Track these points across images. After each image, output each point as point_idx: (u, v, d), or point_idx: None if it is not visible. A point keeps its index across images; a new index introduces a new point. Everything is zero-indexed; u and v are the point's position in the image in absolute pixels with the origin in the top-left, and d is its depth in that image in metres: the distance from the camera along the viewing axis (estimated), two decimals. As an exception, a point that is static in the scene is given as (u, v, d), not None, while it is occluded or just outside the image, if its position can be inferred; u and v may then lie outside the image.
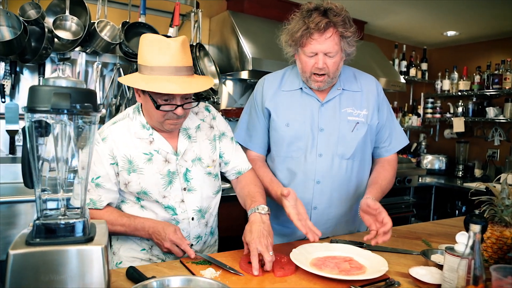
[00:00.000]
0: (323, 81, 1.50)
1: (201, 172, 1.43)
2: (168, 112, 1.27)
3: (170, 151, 1.37)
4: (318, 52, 1.44)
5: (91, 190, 1.31)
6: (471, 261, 1.00)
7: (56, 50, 2.37)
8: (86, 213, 0.92)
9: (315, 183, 1.57)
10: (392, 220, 1.36)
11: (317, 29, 1.40)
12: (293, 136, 1.57)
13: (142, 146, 1.34)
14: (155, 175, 1.34)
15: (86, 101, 0.85)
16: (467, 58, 4.30)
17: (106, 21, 2.46)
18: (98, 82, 2.62)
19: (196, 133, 1.45)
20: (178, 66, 1.23)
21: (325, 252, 1.35)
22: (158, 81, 1.21)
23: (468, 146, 4.18)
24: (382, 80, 3.44)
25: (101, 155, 1.31)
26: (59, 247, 0.83)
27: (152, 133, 1.36)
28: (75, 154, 0.90)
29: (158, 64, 1.22)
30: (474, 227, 1.01)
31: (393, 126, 1.71)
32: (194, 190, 1.41)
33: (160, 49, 1.22)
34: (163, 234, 1.27)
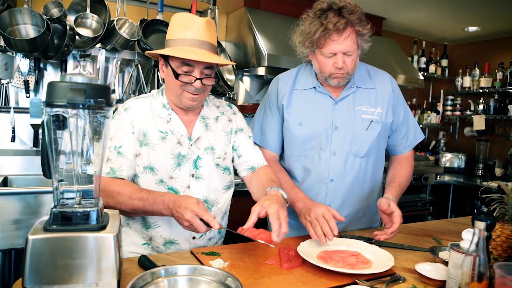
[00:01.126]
0: (343, 77, 1.51)
1: (211, 162, 1.44)
2: (187, 84, 1.31)
3: (184, 134, 1.40)
4: (337, 52, 1.44)
5: (113, 159, 1.32)
6: (476, 258, 1.00)
7: (77, 47, 2.45)
8: (100, 203, 0.97)
9: (328, 181, 1.58)
10: (408, 218, 1.39)
11: (335, 29, 1.40)
12: (306, 135, 1.58)
13: (159, 124, 1.38)
14: (166, 154, 1.37)
15: (100, 96, 0.90)
16: (489, 54, 4.20)
17: (125, 18, 2.53)
18: (117, 78, 2.70)
19: (214, 124, 1.48)
20: (201, 40, 1.30)
21: (333, 246, 1.36)
22: (179, 49, 1.28)
23: (488, 145, 4.09)
24: (401, 77, 3.41)
25: (123, 124, 1.36)
26: (74, 234, 0.89)
27: (171, 114, 1.39)
28: (90, 147, 0.95)
29: (183, 36, 1.29)
30: (479, 224, 1.01)
31: (409, 122, 1.71)
32: (201, 179, 1.42)
33: (186, 24, 1.30)
34: (184, 204, 1.16)
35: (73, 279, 0.88)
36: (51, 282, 0.87)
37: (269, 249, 1.35)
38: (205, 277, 0.93)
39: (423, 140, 4.53)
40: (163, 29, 2.59)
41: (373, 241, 1.48)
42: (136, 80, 2.77)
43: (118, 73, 2.73)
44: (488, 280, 1.00)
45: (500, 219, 1.32)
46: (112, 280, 0.91)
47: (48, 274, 0.86)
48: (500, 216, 1.32)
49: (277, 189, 1.29)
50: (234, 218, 1.58)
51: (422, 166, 3.46)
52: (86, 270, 0.89)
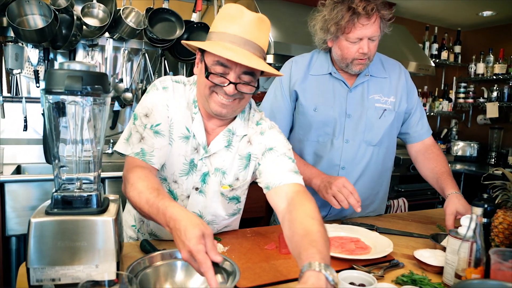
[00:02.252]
0: (365, 63, 1.51)
1: (217, 186, 1.25)
2: (217, 85, 1.10)
3: (201, 142, 1.21)
4: (364, 37, 1.44)
5: (146, 138, 1.15)
6: (473, 243, 1.00)
7: (85, 36, 2.48)
8: (100, 188, 1.00)
9: (340, 168, 1.59)
10: (417, 206, 1.39)
11: (365, 13, 1.39)
12: (321, 121, 1.59)
13: (187, 119, 1.21)
14: (180, 158, 1.21)
15: (97, 84, 0.92)
16: (504, 40, 4.09)
17: (131, 7, 2.55)
18: (124, 67, 2.73)
19: (237, 143, 1.25)
20: (245, 39, 1.07)
21: (334, 232, 1.38)
22: (217, 45, 1.07)
23: (502, 133, 4.01)
24: (412, 64, 3.36)
25: (161, 102, 1.18)
26: (74, 217, 0.92)
27: (197, 113, 1.20)
28: (89, 133, 0.98)
29: (225, 30, 1.08)
30: (476, 210, 1.01)
31: (422, 111, 1.71)
32: (204, 195, 1.26)
33: (232, 16, 1.09)
34: (182, 236, 0.85)
35: (73, 261, 0.91)
36: (53, 263, 0.90)
37: (269, 235, 1.37)
38: (202, 260, 0.95)
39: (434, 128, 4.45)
40: (169, 18, 2.60)
41: (374, 228, 1.49)
42: (143, 69, 2.80)
43: (126, 62, 2.76)
44: (485, 266, 1.00)
45: (503, 206, 1.31)
46: (111, 263, 0.94)
47: (50, 255, 0.90)
48: (502, 203, 1.31)
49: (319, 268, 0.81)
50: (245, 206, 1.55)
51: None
52: (86, 252, 0.92)
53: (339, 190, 1.36)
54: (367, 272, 1.06)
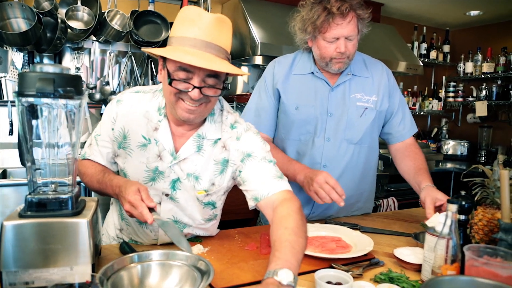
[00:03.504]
0: (343, 62, 1.52)
1: (191, 191, 1.23)
2: (182, 91, 1.08)
3: (168, 149, 1.19)
4: (340, 36, 1.46)
5: (92, 145, 1.29)
6: (449, 240, 1.01)
7: (70, 40, 2.48)
8: (75, 190, 1.00)
9: (321, 166, 1.60)
10: (406, 205, 1.40)
11: (340, 13, 1.42)
12: (302, 120, 1.60)
13: (145, 128, 1.20)
14: (140, 165, 1.21)
15: (69, 86, 0.92)
16: (491, 39, 4.14)
17: (115, 10, 2.55)
18: (111, 70, 2.72)
19: (209, 148, 1.22)
20: (206, 41, 1.04)
21: (315, 232, 1.38)
22: (177, 50, 1.04)
23: (491, 131, 4.05)
24: (401, 64, 3.38)
25: (108, 115, 1.25)
26: (48, 219, 0.92)
27: (161, 121, 1.19)
28: (63, 136, 0.98)
29: (185, 34, 1.05)
30: (451, 207, 1.02)
31: (405, 111, 1.72)
32: (176, 202, 1.24)
33: (191, 19, 1.06)
34: (123, 193, 1.06)
35: (48, 263, 0.91)
36: (27, 266, 0.90)
37: (251, 235, 1.38)
38: (178, 262, 0.96)
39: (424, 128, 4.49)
40: (155, 20, 2.60)
41: (358, 227, 1.49)
42: (130, 72, 2.80)
43: (113, 65, 2.76)
44: (460, 262, 1.01)
45: (483, 203, 1.32)
46: (86, 265, 0.94)
47: (24, 258, 0.90)
48: (482, 200, 1.33)
49: (272, 274, 0.86)
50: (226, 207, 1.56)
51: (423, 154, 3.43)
52: (61, 255, 0.92)
53: (321, 186, 1.36)
54: (345, 271, 1.07)
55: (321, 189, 1.37)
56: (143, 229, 1.28)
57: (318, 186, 1.37)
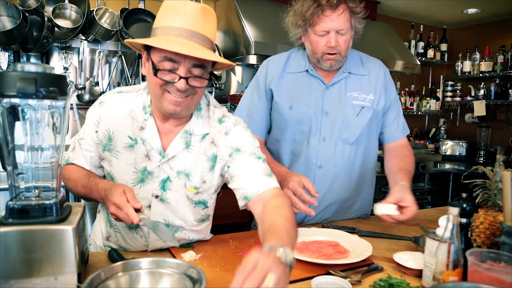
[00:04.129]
0: (336, 59, 1.50)
1: (182, 190, 1.22)
2: (168, 83, 1.07)
3: (156, 147, 1.18)
4: (330, 30, 1.44)
5: (76, 149, 1.26)
6: (450, 245, 0.99)
7: (57, 38, 2.45)
8: (60, 195, 0.97)
9: (317, 167, 1.58)
10: None
11: (329, 5, 1.40)
12: (297, 119, 1.58)
13: (131, 128, 1.19)
14: (128, 167, 1.20)
15: (53, 86, 0.89)
16: (489, 37, 4.15)
17: (104, 8, 2.52)
18: (101, 70, 2.69)
19: (197, 143, 1.21)
20: (191, 30, 1.05)
21: (312, 236, 1.36)
22: (162, 40, 1.04)
23: (490, 131, 4.06)
24: (398, 63, 3.38)
25: (91, 118, 1.24)
26: (30, 227, 0.88)
27: (148, 119, 1.18)
28: (46, 139, 0.94)
29: (170, 24, 1.06)
30: (453, 210, 1.00)
31: (399, 110, 1.70)
32: (167, 203, 1.22)
33: (176, 9, 1.07)
34: (109, 196, 1.04)
35: (30, 273, 0.88)
36: (8, 276, 0.87)
37: (245, 241, 1.35)
38: (168, 270, 0.93)
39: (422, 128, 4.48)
40: (145, 19, 2.58)
41: (356, 231, 1.47)
42: (120, 72, 2.76)
43: (103, 65, 2.73)
44: (463, 268, 0.99)
45: (484, 205, 1.31)
46: (72, 274, 0.91)
47: (5, 268, 0.86)
48: (483, 202, 1.31)
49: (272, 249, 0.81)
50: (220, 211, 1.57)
51: (422, 154, 3.43)
52: (44, 264, 0.88)
53: (294, 190, 1.31)
54: (343, 278, 1.05)
55: (293, 196, 1.31)
56: (133, 235, 1.25)
57: (291, 193, 1.31)
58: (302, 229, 1.40)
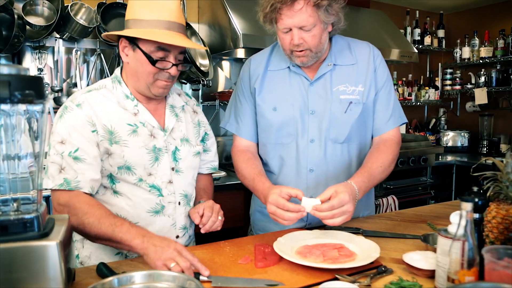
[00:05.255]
0: (306, 55, 1.45)
1: (190, 153, 1.45)
2: (160, 71, 1.29)
3: (156, 125, 1.37)
4: (291, 27, 1.39)
5: (67, 168, 1.23)
6: (464, 243, 0.98)
7: (30, 37, 2.40)
8: (41, 208, 0.94)
9: (308, 171, 1.55)
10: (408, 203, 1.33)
11: (283, 2, 1.35)
12: (282, 121, 1.55)
13: (126, 116, 1.33)
14: (141, 149, 1.33)
15: (29, 89, 0.86)
16: (488, 21, 4.18)
17: (80, 3, 2.48)
18: (78, 70, 2.64)
19: (182, 114, 1.48)
20: (175, 22, 1.27)
21: (315, 239, 1.35)
22: (156, 33, 1.24)
23: (492, 119, 4.09)
24: (394, 51, 3.38)
25: (78, 122, 1.26)
26: (10, 245, 0.85)
27: (137, 105, 1.35)
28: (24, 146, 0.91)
29: (155, 17, 1.24)
30: (465, 205, 1.00)
31: (391, 98, 1.60)
32: (181, 172, 1.42)
33: (157, 3, 1.26)
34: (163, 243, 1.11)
35: (12, 295, 0.85)
36: (-13, 300, 0.84)
37: (244, 248, 1.33)
38: (164, 283, 0.91)
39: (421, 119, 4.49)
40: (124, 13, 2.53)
41: (360, 231, 1.46)
42: (100, 71, 2.72)
43: (80, 65, 2.69)
44: (479, 266, 0.98)
45: (495, 199, 1.30)
46: (58, 294, 0.88)
47: (-17, 291, 0.83)
48: (494, 195, 1.31)
49: None
50: None
51: (422, 147, 3.44)
52: (27, 284, 0.86)
53: (273, 212, 1.28)
54: (351, 282, 1.03)
55: (274, 216, 1.28)
56: None
57: (271, 212, 1.29)
58: (304, 232, 1.39)
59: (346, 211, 1.25)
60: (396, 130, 1.61)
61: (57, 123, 1.28)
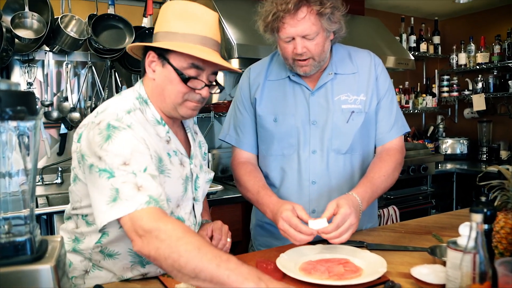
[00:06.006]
0: (309, 64, 1.45)
1: (204, 180, 1.39)
2: (191, 91, 1.17)
3: (184, 153, 1.29)
4: (294, 36, 1.39)
5: (145, 185, 1.04)
6: (475, 255, 0.97)
7: (19, 51, 2.38)
8: (34, 229, 0.91)
9: (310, 183, 1.53)
10: (409, 214, 1.34)
11: (286, 11, 1.34)
12: (283, 132, 1.54)
13: (162, 144, 1.20)
14: (178, 180, 1.24)
15: (20, 105, 0.83)
16: (484, 27, 4.23)
17: (70, 15, 2.48)
18: (69, 84, 2.62)
19: (195, 136, 1.43)
20: (211, 38, 1.18)
21: (319, 254, 1.32)
22: (191, 47, 1.13)
23: (491, 126, 4.11)
24: (390, 58, 3.40)
25: (137, 143, 1.09)
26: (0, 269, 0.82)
27: (169, 131, 1.24)
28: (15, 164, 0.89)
29: (191, 31, 1.14)
30: (475, 217, 0.98)
31: (391, 107, 1.61)
32: (198, 201, 1.36)
33: (193, 15, 1.16)
34: None
35: (4, 324, 0.81)
36: (-22, 329, 0.80)
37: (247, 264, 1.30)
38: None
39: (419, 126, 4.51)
40: (117, 25, 2.53)
41: (364, 245, 1.44)
42: (91, 85, 2.71)
43: (71, 78, 2.67)
44: (492, 280, 0.96)
45: (503, 208, 1.29)
46: (52, 320, 0.85)
47: (-27, 320, 0.80)
48: (502, 204, 1.30)
49: None
50: None
51: (421, 155, 3.45)
52: (20, 311, 0.82)
53: (285, 230, 1.26)
54: (360, 300, 1.01)
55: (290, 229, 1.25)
56: None
57: (282, 229, 1.27)
58: (307, 247, 1.37)
59: (350, 225, 1.25)
60: (399, 139, 1.62)
61: (104, 146, 1.07)
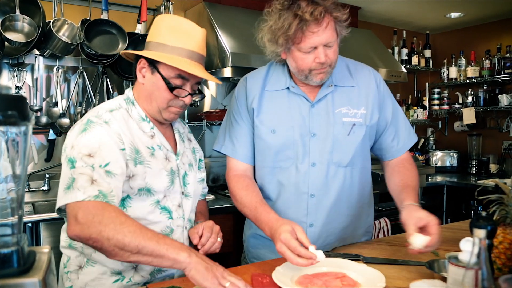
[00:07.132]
0: (325, 72, 1.44)
1: (195, 179, 1.49)
2: (176, 98, 1.32)
3: (170, 149, 1.40)
4: (318, 45, 1.37)
5: (99, 180, 1.17)
6: (478, 271, 0.95)
7: (8, 54, 2.34)
8: (22, 240, 0.87)
9: (308, 196, 1.51)
10: (400, 227, 1.34)
11: (314, 19, 1.32)
12: (281, 144, 1.51)
13: (145, 139, 1.34)
14: (162, 171, 1.34)
15: (11, 109, 0.80)
16: (474, 42, 4.29)
17: (63, 19, 2.44)
18: (59, 89, 2.58)
19: (185, 139, 1.54)
20: (197, 53, 1.32)
21: (315, 267, 1.29)
22: (179, 61, 1.27)
23: (481, 139, 4.15)
24: (382, 70, 3.41)
25: (108, 137, 1.23)
26: (-14, 283, 0.78)
27: (153, 127, 1.38)
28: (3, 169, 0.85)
29: (180, 45, 1.29)
30: (478, 232, 0.96)
31: (400, 122, 1.64)
32: (189, 197, 1.44)
33: (185, 31, 1.31)
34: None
35: None
36: None
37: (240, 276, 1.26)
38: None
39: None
40: (110, 30, 2.50)
41: (360, 258, 1.42)
42: (82, 91, 2.66)
43: (61, 83, 2.62)
44: (494, 296, 0.95)
45: (501, 223, 1.28)
46: (39, 337, 0.80)
47: (-46, 337, 0.75)
48: (501, 219, 1.28)
49: None
50: None
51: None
52: (5, 328, 0.78)
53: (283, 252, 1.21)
54: (359, 316, 0.98)
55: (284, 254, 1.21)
56: None
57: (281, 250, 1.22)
58: (303, 260, 1.34)
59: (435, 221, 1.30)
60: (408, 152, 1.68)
61: (78, 137, 1.23)
